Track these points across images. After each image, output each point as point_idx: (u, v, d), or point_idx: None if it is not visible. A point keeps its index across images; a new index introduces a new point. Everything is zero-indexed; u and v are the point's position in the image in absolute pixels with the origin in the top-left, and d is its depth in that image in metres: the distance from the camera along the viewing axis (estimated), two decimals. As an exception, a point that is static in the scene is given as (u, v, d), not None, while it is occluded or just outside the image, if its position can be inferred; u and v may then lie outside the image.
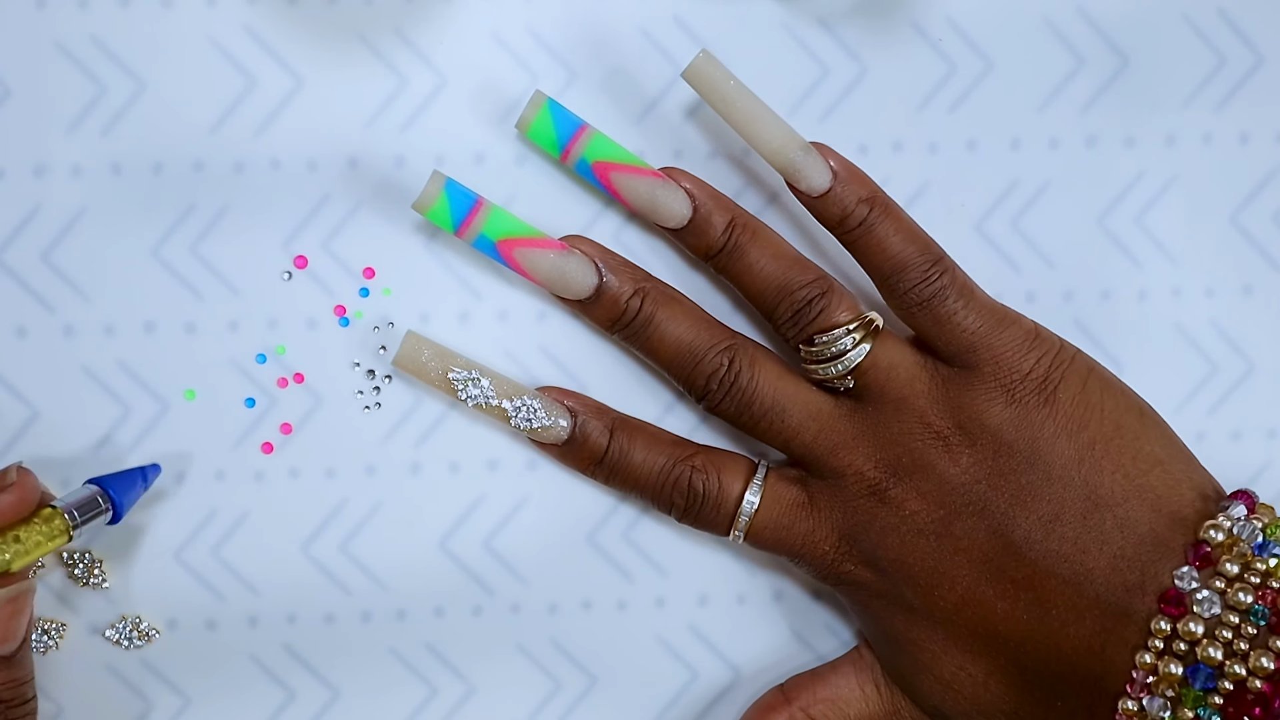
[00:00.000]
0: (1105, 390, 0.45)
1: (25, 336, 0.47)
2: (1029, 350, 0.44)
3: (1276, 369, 0.50)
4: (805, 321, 0.45)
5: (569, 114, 0.46)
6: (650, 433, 0.47)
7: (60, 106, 0.46)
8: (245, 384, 0.48)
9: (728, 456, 0.47)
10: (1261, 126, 0.49)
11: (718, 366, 0.46)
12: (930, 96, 0.48)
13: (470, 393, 0.46)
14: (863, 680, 0.47)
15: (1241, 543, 0.42)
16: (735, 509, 0.46)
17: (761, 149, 0.44)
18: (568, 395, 0.47)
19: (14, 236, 0.47)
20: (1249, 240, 0.49)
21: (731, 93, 0.44)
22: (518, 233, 0.46)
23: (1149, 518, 0.43)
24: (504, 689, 0.49)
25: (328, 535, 0.48)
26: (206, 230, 0.47)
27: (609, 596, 0.49)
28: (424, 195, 0.45)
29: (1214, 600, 0.42)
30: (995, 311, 0.45)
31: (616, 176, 0.46)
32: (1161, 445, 0.45)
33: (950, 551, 0.44)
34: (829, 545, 0.46)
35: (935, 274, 0.44)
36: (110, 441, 0.47)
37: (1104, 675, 0.43)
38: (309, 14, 0.47)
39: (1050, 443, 0.44)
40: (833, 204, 0.44)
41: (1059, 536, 0.43)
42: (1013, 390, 0.44)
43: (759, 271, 0.46)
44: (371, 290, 0.48)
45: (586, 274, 0.46)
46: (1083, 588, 0.43)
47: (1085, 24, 0.48)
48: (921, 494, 0.45)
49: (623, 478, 0.47)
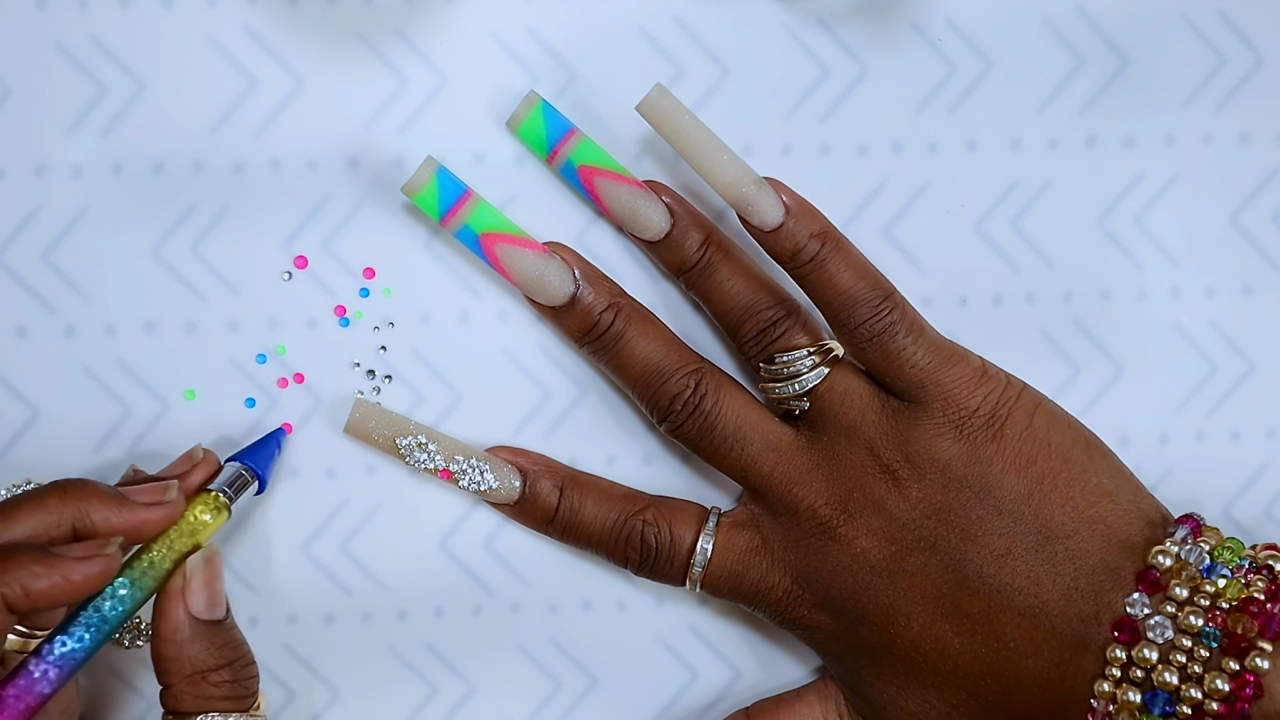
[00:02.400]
0: (1052, 424, 0.45)
1: (25, 336, 0.47)
2: (977, 386, 0.45)
3: (1276, 369, 0.50)
4: (768, 341, 0.46)
5: (561, 117, 0.46)
6: (601, 488, 0.47)
7: (60, 106, 0.46)
8: (245, 384, 0.48)
9: (679, 506, 0.47)
10: (1261, 126, 0.49)
11: (683, 388, 0.46)
12: (930, 97, 0.48)
13: (417, 457, 0.46)
14: (826, 709, 0.47)
15: (1190, 566, 0.43)
16: (689, 559, 0.46)
17: (715, 183, 0.44)
18: (518, 454, 0.48)
19: (14, 236, 0.47)
20: (1249, 240, 0.49)
21: (685, 127, 0.44)
22: (502, 228, 0.46)
23: (1100, 547, 0.44)
24: (504, 689, 0.49)
25: (328, 535, 0.48)
26: (207, 230, 0.47)
27: (609, 596, 0.49)
28: (414, 179, 0.45)
29: (1166, 625, 0.42)
30: (944, 348, 0.45)
31: (600, 182, 0.46)
32: (1109, 476, 0.45)
33: (904, 588, 0.44)
34: (783, 590, 0.46)
35: (885, 309, 0.45)
36: (110, 441, 0.47)
37: (1065, 705, 0.43)
38: (309, 14, 0.47)
39: (999, 477, 0.44)
40: (785, 239, 0.44)
41: (1011, 570, 0.44)
42: (961, 426, 0.44)
43: (728, 290, 0.46)
44: (371, 290, 0.48)
45: (564, 281, 0.46)
46: (1038, 619, 0.43)
47: (1085, 24, 0.48)
48: (871, 531, 0.45)
49: (575, 535, 0.47)
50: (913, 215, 0.48)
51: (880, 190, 0.48)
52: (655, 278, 0.48)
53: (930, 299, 0.48)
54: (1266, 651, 0.41)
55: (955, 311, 0.48)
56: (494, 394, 0.48)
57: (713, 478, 0.49)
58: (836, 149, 0.48)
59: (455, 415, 0.48)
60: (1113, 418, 0.49)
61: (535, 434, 0.48)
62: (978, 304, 0.49)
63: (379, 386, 0.48)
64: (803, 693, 0.48)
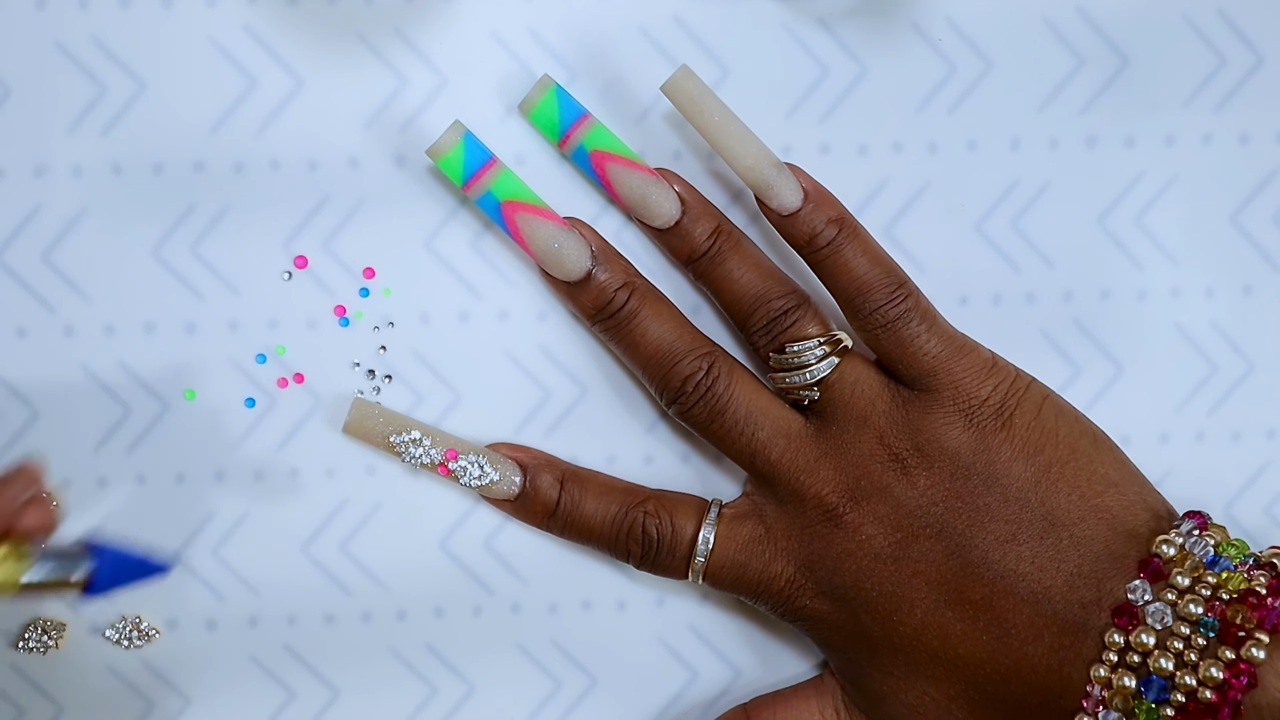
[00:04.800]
0: (1059, 416, 0.45)
1: (25, 336, 0.47)
2: (987, 377, 0.45)
3: (1276, 369, 0.50)
4: (779, 330, 0.46)
5: (574, 101, 0.46)
6: (601, 482, 0.47)
7: (60, 106, 0.46)
8: (245, 384, 0.48)
9: (679, 499, 0.47)
10: (1261, 126, 0.49)
11: (696, 370, 0.46)
12: (930, 97, 0.48)
13: (414, 453, 0.46)
14: (823, 705, 0.47)
15: (1193, 556, 0.43)
16: (690, 550, 0.46)
17: (735, 165, 0.45)
18: (517, 450, 0.48)
19: (14, 236, 0.47)
20: (1249, 240, 0.49)
21: (709, 108, 0.44)
22: (524, 197, 0.46)
23: (1105, 536, 0.44)
24: (504, 689, 0.49)
25: (328, 535, 0.48)
26: (206, 230, 0.47)
27: (609, 596, 0.49)
28: (440, 142, 0.45)
29: (1165, 612, 0.42)
30: (955, 338, 0.46)
31: (611, 167, 0.46)
32: (1115, 468, 0.45)
33: (908, 575, 0.45)
34: (785, 579, 0.46)
35: (900, 297, 0.45)
36: (110, 441, 0.47)
37: (1062, 693, 0.43)
38: (309, 14, 0.47)
39: (1007, 465, 0.44)
40: (802, 224, 0.45)
41: (1016, 556, 0.44)
42: (971, 414, 0.45)
43: (737, 279, 0.46)
44: (371, 290, 0.48)
45: (581, 255, 0.46)
46: (1040, 605, 0.44)
47: (1085, 24, 0.48)
48: (877, 518, 0.45)
49: (576, 529, 0.47)
50: (913, 215, 0.48)
51: (880, 190, 0.48)
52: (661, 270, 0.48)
53: (930, 298, 0.48)
54: (1263, 643, 0.41)
55: (955, 311, 0.48)
56: (494, 394, 0.48)
57: (712, 478, 0.49)
58: (836, 149, 0.48)
59: (455, 415, 0.48)
60: (1113, 417, 0.49)
61: (535, 434, 0.48)
62: (978, 304, 0.49)
63: (379, 386, 0.48)
64: (800, 688, 0.48)
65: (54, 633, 0.47)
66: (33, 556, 0.39)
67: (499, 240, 0.48)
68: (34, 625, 0.47)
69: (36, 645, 0.47)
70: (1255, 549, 0.45)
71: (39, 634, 0.47)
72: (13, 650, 0.47)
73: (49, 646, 0.47)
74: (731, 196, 0.48)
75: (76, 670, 0.48)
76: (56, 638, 0.48)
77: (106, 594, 0.40)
